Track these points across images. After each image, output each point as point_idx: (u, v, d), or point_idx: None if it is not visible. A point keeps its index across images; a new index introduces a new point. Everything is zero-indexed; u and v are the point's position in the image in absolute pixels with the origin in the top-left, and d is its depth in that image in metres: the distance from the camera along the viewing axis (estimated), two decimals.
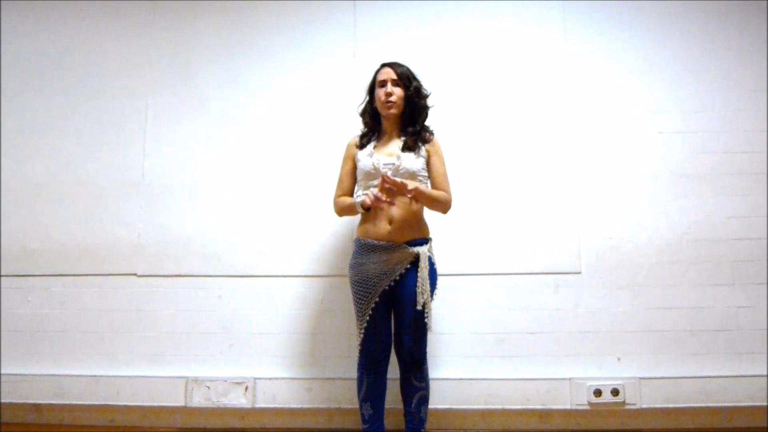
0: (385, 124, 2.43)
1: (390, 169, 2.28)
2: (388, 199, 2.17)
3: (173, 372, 2.77)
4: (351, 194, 2.43)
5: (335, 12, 3.00)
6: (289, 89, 2.97)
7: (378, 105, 2.40)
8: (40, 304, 2.87)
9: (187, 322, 2.81)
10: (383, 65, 2.42)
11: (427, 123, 2.44)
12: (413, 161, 2.31)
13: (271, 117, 2.95)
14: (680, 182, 2.80)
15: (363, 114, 2.48)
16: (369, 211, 2.27)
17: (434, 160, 2.38)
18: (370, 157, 2.33)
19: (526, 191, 2.82)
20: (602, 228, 2.78)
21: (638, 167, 2.82)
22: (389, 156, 2.33)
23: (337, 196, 2.44)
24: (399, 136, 2.40)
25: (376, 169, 2.29)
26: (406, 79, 2.36)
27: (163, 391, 2.74)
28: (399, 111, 2.38)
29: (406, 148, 2.34)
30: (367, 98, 2.47)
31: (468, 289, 2.76)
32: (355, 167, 2.42)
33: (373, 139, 2.43)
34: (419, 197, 2.21)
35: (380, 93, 2.37)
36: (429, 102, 2.44)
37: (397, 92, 2.35)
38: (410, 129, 2.38)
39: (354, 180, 2.42)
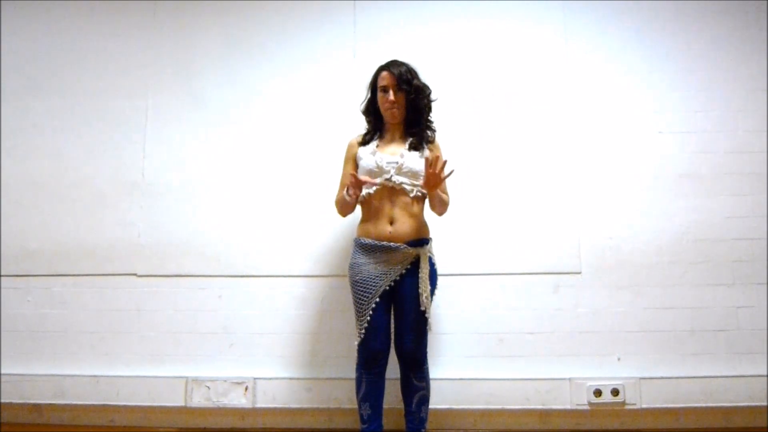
0: (388, 124, 2.42)
1: (393, 167, 2.27)
2: (368, 182, 2.21)
3: (173, 372, 2.76)
4: None
5: (335, 12, 3.00)
6: (289, 89, 2.97)
7: (381, 108, 2.39)
8: (40, 304, 2.87)
9: (187, 322, 2.81)
10: (381, 69, 2.37)
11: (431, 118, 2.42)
12: (417, 161, 2.30)
13: (271, 117, 2.95)
14: (680, 182, 2.80)
15: (366, 112, 2.48)
16: (356, 198, 2.25)
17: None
18: (373, 156, 2.32)
19: (526, 191, 2.82)
20: (602, 228, 2.78)
21: (638, 167, 2.82)
22: (393, 155, 2.32)
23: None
24: (402, 136, 2.39)
25: (379, 167, 2.28)
26: (405, 83, 2.32)
27: (163, 391, 2.74)
28: (402, 115, 2.36)
29: (412, 147, 2.33)
30: (369, 96, 2.45)
31: (468, 289, 2.76)
32: (356, 168, 2.40)
33: (375, 137, 2.42)
34: (437, 187, 2.21)
35: (381, 99, 2.35)
36: (432, 96, 2.41)
37: (399, 98, 2.33)
38: (414, 129, 2.37)
39: None
